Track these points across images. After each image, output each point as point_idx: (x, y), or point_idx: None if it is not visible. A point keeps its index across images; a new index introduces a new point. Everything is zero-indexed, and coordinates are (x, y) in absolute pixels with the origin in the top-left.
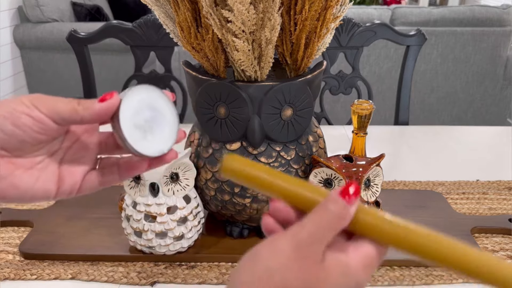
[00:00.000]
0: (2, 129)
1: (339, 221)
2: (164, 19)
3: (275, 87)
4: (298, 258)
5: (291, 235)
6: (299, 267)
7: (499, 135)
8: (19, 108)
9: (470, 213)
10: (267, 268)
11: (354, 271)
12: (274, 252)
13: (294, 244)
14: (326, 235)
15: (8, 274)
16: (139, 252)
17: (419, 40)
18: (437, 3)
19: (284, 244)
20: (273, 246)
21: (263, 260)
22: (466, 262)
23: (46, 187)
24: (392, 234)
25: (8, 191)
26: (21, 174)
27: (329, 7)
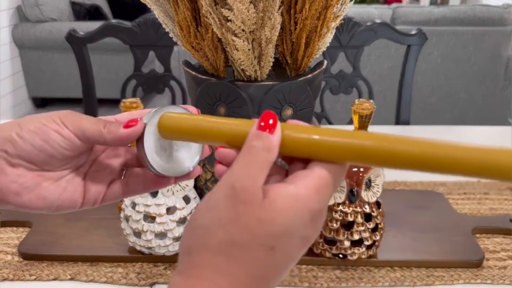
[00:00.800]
0: (32, 144)
1: (266, 154)
2: (163, 18)
3: (275, 86)
4: (234, 206)
5: (221, 184)
6: (238, 214)
7: (500, 135)
8: (49, 125)
9: (471, 214)
10: (207, 228)
11: (305, 199)
12: (210, 207)
13: (226, 192)
14: (258, 172)
15: (7, 275)
16: (139, 253)
17: (420, 40)
18: (438, 3)
19: (217, 195)
20: (207, 201)
21: (201, 220)
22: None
23: (72, 198)
24: (332, 146)
25: (36, 202)
26: (48, 186)
27: (330, 6)
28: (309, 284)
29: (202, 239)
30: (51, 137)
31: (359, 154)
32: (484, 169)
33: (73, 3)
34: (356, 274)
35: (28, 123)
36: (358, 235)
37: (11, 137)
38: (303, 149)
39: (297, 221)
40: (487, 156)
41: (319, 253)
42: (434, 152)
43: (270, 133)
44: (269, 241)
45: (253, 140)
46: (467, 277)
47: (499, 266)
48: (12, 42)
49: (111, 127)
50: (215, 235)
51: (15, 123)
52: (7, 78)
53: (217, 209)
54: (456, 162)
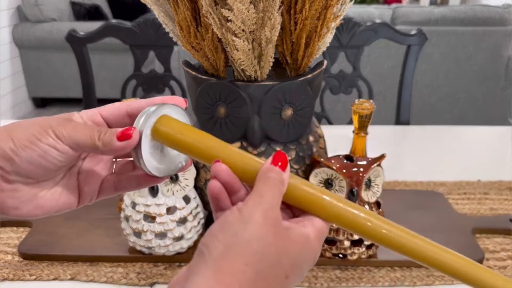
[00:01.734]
0: (30, 161)
1: (281, 186)
2: (163, 18)
3: (275, 86)
4: (268, 225)
5: (255, 205)
6: (271, 233)
7: (501, 135)
8: (44, 140)
9: (471, 214)
10: (242, 239)
11: (312, 243)
12: (244, 222)
13: (261, 213)
14: (278, 200)
15: (7, 275)
16: (139, 253)
17: (420, 40)
18: (438, 3)
19: (252, 214)
20: (242, 216)
21: (236, 230)
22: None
23: (68, 201)
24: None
25: (34, 212)
26: (45, 195)
27: (330, 6)
28: (309, 284)
29: (240, 249)
30: (47, 153)
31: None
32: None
33: (73, 3)
34: (356, 274)
35: (20, 136)
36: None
37: (6, 154)
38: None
39: (306, 258)
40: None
41: None
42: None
43: (282, 170)
44: (286, 270)
45: (269, 172)
46: None
47: (499, 266)
48: (12, 42)
49: (105, 138)
50: (251, 245)
51: (5, 135)
52: (7, 78)
53: (254, 224)
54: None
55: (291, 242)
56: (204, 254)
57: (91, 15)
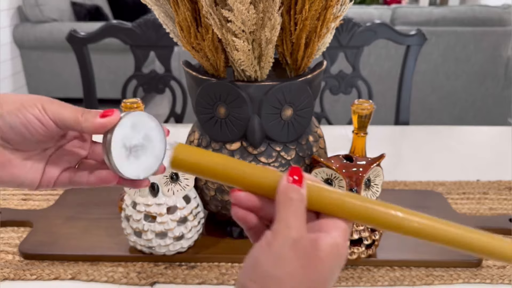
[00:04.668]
0: (12, 126)
1: (303, 205)
2: (163, 19)
3: (275, 87)
4: (299, 258)
5: (284, 239)
6: (301, 265)
7: (500, 135)
8: (30, 110)
9: (470, 213)
10: (274, 277)
11: (342, 247)
12: (275, 259)
13: (290, 245)
14: (303, 221)
15: (7, 274)
16: (139, 252)
17: (419, 40)
18: (437, 3)
19: (281, 248)
20: (271, 252)
21: (267, 268)
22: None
23: (33, 178)
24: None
25: (4, 177)
26: (18, 163)
27: (329, 6)
28: None
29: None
30: (31, 122)
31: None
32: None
33: (74, 4)
34: (355, 274)
35: (8, 102)
36: (357, 234)
37: None
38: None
39: (337, 266)
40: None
41: None
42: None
43: (300, 185)
44: (322, 284)
45: (290, 193)
46: (466, 277)
47: (498, 266)
48: (12, 42)
49: (88, 115)
50: (283, 284)
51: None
52: (7, 78)
53: (284, 260)
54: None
55: (321, 262)
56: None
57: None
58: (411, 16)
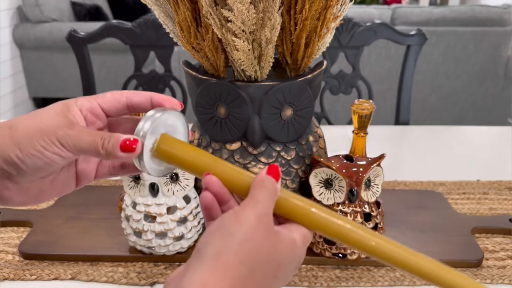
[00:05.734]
0: (35, 168)
1: (275, 194)
2: (163, 19)
3: (275, 87)
4: (262, 228)
5: (251, 208)
6: (263, 236)
7: (500, 135)
8: (49, 148)
9: (470, 213)
10: (237, 239)
11: (299, 247)
12: (240, 223)
13: (255, 216)
14: (271, 207)
15: (7, 274)
16: (139, 253)
17: (419, 40)
18: (437, 3)
19: (248, 217)
20: (238, 219)
21: (232, 231)
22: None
23: (68, 186)
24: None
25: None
26: (48, 187)
27: (329, 6)
28: (309, 283)
29: (235, 246)
30: (52, 160)
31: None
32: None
33: (74, 4)
34: (355, 274)
35: (26, 145)
36: None
37: (12, 161)
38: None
39: (292, 260)
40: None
41: (318, 252)
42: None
43: (276, 181)
44: (275, 270)
45: (265, 181)
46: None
47: (498, 266)
48: (12, 42)
49: (108, 147)
50: (246, 244)
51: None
52: (7, 78)
53: (248, 226)
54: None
55: (280, 244)
56: (200, 252)
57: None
58: (411, 16)
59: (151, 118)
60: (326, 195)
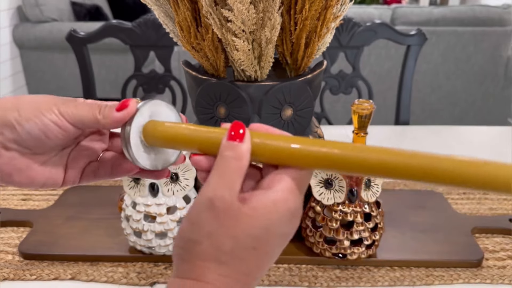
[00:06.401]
0: (30, 133)
1: (238, 162)
2: (163, 19)
3: (275, 87)
4: (215, 217)
5: (200, 197)
6: (220, 225)
7: (500, 135)
8: (48, 116)
9: (470, 213)
10: (194, 241)
11: (283, 201)
12: (193, 221)
13: (206, 205)
14: (232, 181)
15: (7, 275)
16: (139, 253)
17: (419, 40)
18: (437, 3)
19: (198, 209)
20: (190, 215)
21: (189, 233)
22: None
23: (55, 178)
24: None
25: (25, 182)
26: (37, 167)
27: (329, 6)
28: (309, 283)
29: (192, 250)
30: (49, 128)
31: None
32: (481, 183)
33: (74, 3)
34: (355, 274)
35: (26, 108)
36: (357, 234)
37: (9, 122)
38: (274, 156)
39: (277, 222)
40: (486, 169)
41: (318, 252)
42: (413, 162)
43: (240, 142)
44: (250, 242)
45: (224, 151)
46: (467, 277)
47: (498, 266)
48: (12, 42)
49: (105, 111)
50: (202, 246)
51: (12, 105)
52: (7, 78)
53: (199, 222)
54: (455, 176)
55: (249, 218)
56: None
57: (91, 15)
58: (411, 16)
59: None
60: (326, 195)
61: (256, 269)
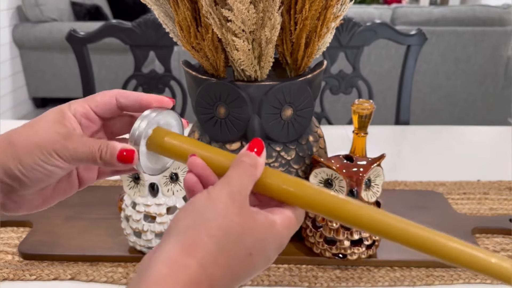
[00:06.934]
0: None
1: (254, 169)
2: (163, 19)
3: (275, 86)
4: (235, 206)
5: (222, 186)
6: (235, 213)
7: (500, 135)
8: (49, 162)
9: (471, 214)
10: (207, 216)
11: (279, 229)
12: (211, 201)
13: (227, 193)
14: (248, 182)
15: (7, 275)
16: (139, 253)
17: (419, 40)
18: (437, 3)
19: (218, 194)
20: (209, 196)
21: (202, 209)
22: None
23: (69, 190)
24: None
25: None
26: (50, 194)
27: (330, 6)
28: (309, 283)
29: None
30: (53, 172)
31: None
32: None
33: (73, 3)
34: (356, 274)
35: (27, 160)
36: (358, 235)
37: (15, 175)
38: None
39: (271, 241)
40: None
41: (319, 253)
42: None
43: (258, 155)
44: (251, 245)
45: (242, 156)
46: (467, 277)
47: None
48: (12, 42)
49: (106, 157)
50: (215, 220)
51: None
52: (7, 78)
53: (219, 203)
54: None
55: (255, 223)
56: (170, 228)
57: (91, 15)
58: (411, 16)
59: (147, 117)
60: None
61: (246, 271)
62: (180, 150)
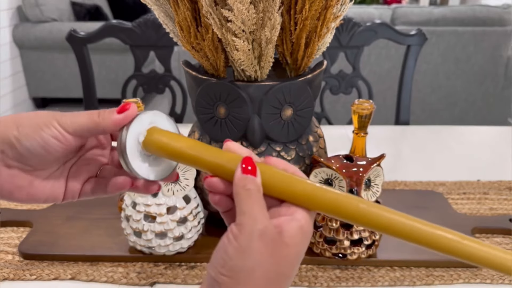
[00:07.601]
0: (31, 150)
1: (260, 194)
2: (163, 19)
3: (275, 87)
4: (267, 247)
5: (249, 229)
6: (270, 254)
7: (500, 135)
8: (47, 131)
9: (470, 213)
10: (246, 269)
11: (307, 228)
12: (244, 251)
13: (257, 236)
14: (265, 210)
15: (7, 275)
16: (139, 253)
17: (419, 40)
18: (437, 3)
19: (249, 240)
20: (240, 245)
21: (236, 262)
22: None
23: (57, 194)
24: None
25: (26, 198)
26: (38, 184)
27: (330, 6)
28: (309, 283)
29: (241, 278)
30: (49, 143)
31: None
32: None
33: (74, 3)
34: (355, 274)
35: (25, 125)
36: (357, 234)
37: (9, 140)
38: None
39: (303, 247)
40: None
41: (319, 252)
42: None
43: (254, 175)
44: (287, 271)
45: (246, 184)
46: (467, 277)
47: None
48: (12, 42)
49: (104, 114)
50: (255, 274)
51: (12, 123)
52: (7, 78)
53: (251, 251)
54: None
55: (287, 247)
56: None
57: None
58: (411, 16)
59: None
60: None
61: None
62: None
